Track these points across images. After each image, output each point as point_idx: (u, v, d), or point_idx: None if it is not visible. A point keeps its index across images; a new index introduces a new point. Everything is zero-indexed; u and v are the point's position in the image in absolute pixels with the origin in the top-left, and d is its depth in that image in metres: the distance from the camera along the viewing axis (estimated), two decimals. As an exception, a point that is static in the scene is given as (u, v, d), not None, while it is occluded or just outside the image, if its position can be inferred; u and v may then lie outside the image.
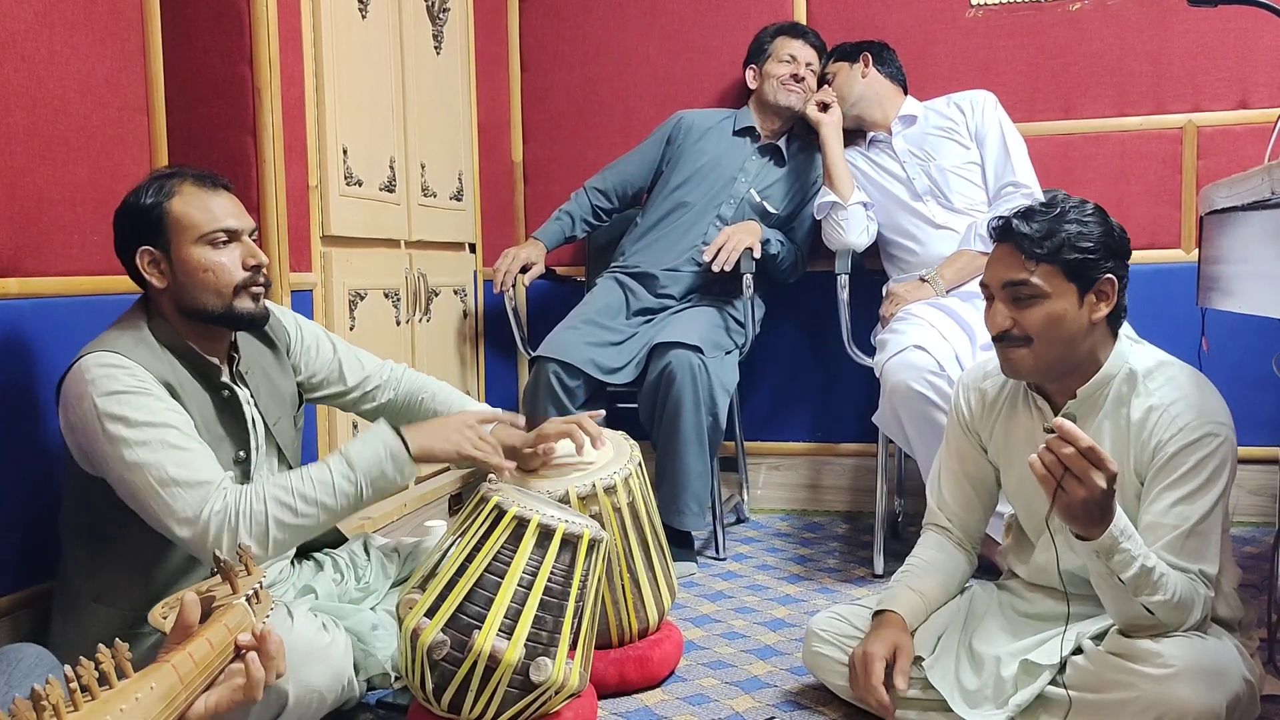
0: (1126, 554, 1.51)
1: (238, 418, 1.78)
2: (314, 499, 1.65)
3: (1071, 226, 1.66)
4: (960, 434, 1.93)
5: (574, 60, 3.45)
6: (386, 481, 1.72)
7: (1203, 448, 1.63)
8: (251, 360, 1.85)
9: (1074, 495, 1.46)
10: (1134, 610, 1.56)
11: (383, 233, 2.81)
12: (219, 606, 1.15)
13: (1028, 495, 1.82)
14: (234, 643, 1.09)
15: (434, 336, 3.11)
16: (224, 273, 1.70)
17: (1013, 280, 1.68)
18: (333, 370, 2.02)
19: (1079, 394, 1.73)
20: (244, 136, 2.34)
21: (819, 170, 3.05)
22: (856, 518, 3.22)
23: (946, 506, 1.95)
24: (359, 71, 2.69)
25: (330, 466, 1.69)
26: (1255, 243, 1.80)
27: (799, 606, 2.44)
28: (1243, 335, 2.72)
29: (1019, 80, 3.14)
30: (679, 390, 2.65)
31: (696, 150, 3.10)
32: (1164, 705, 1.52)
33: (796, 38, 3.07)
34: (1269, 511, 2.79)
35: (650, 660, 2.01)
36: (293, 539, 1.66)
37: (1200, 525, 1.62)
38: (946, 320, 2.59)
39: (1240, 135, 2.99)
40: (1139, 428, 1.69)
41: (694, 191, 3.06)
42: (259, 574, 1.25)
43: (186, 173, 1.72)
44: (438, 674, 1.67)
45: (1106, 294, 1.68)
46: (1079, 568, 1.67)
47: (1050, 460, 1.46)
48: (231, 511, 1.60)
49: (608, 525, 1.93)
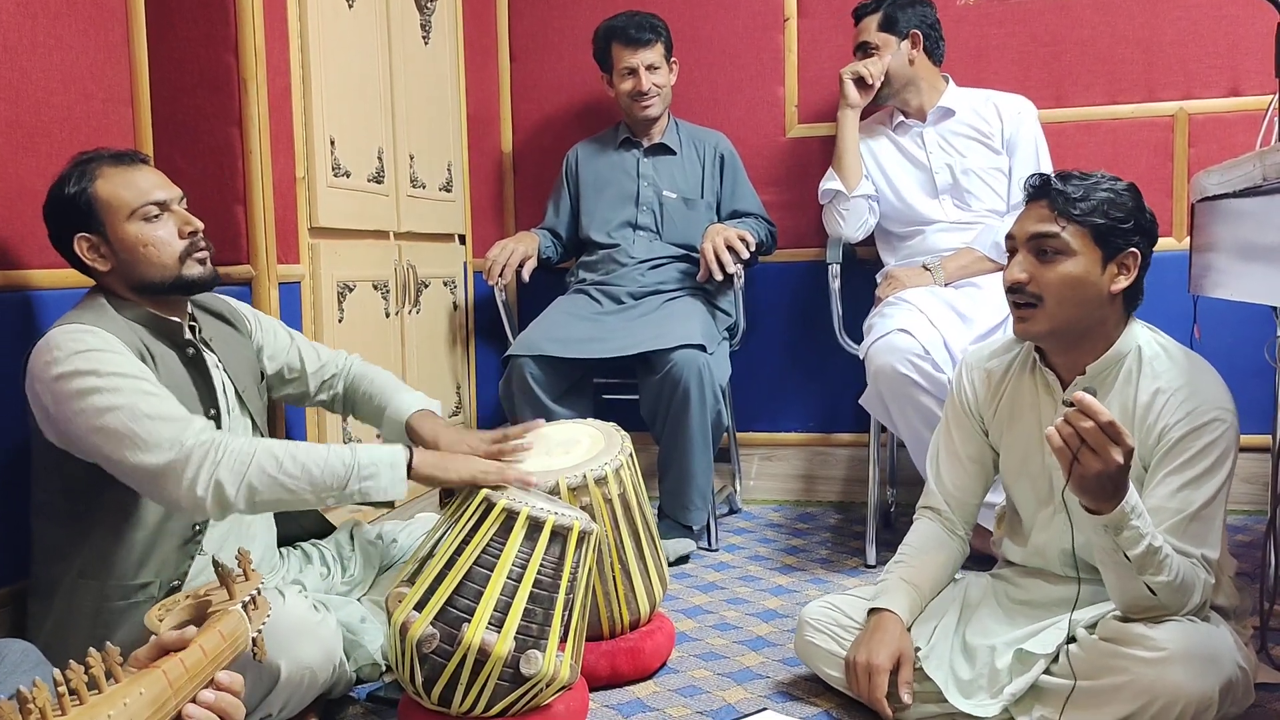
0: (1135, 531, 1.52)
1: (205, 378, 1.79)
2: (302, 463, 1.64)
3: (1106, 194, 1.68)
4: (960, 415, 1.93)
5: (564, 50, 3.43)
6: (375, 485, 1.69)
7: (1209, 433, 1.64)
8: (213, 331, 1.88)
9: (1089, 469, 1.47)
10: (1137, 590, 1.56)
11: (371, 224, 2.79)
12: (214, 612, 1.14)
13: (1033, 475, 1.82)
14: (228, 652, 1.07)
15: (423, 329, 3.09)
16: (164, 244, 1.72)
17: (1041, 233, 1.69)
18: (292, 356, 2.05)
19: (1089, 370, 1.73)
20: (230, 127, 2.32)
21: (711, 137, 3.09)
22: (849, 508, 3.21)
23: (944, 487, 1.94)
24: (346, 61, 2.67)
25: (330, 447, 1.70)
26: (1247, 230, 1.79)
27: (791, 597, 2.44)
28: (1235, 323, 2.72)
29: (1011, 69, 3.13)
30: (686, 389, 2.65)
31: (592, 176, 3.13)
32: (1157, 689, 1.52)
33: (628, 45, 2.99)
34: (1262, 500, 2.79)
35: (642, 652, 2.00)
36: (268, 495, 1.62)
37: (1204, 510, 1.62)
38: (940, 307, 2.58)
39: (1231, 123, 2.98)
40: (1145, 410, 1.69)
41: (609, 215, 3.08)
42: (256, 579, 1.24)
43: (104, 154, 1.74)
44: (428, 667, 1.66)
45: (1128, 267, 1.69)
46: (1085, 546, 1.67)
47: (1068, 433, 1.47)
48: (218, 443, 1.60)
49: (599, 516, 1.92)
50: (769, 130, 3.33)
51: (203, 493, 1.58)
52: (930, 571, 1.88)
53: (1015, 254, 1.74)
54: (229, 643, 1.10)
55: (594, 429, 2.12)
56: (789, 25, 3.30)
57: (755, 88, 3.33)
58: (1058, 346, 1.77)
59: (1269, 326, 2.22)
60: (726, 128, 3.22)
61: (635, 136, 3.12)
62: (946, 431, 1.96)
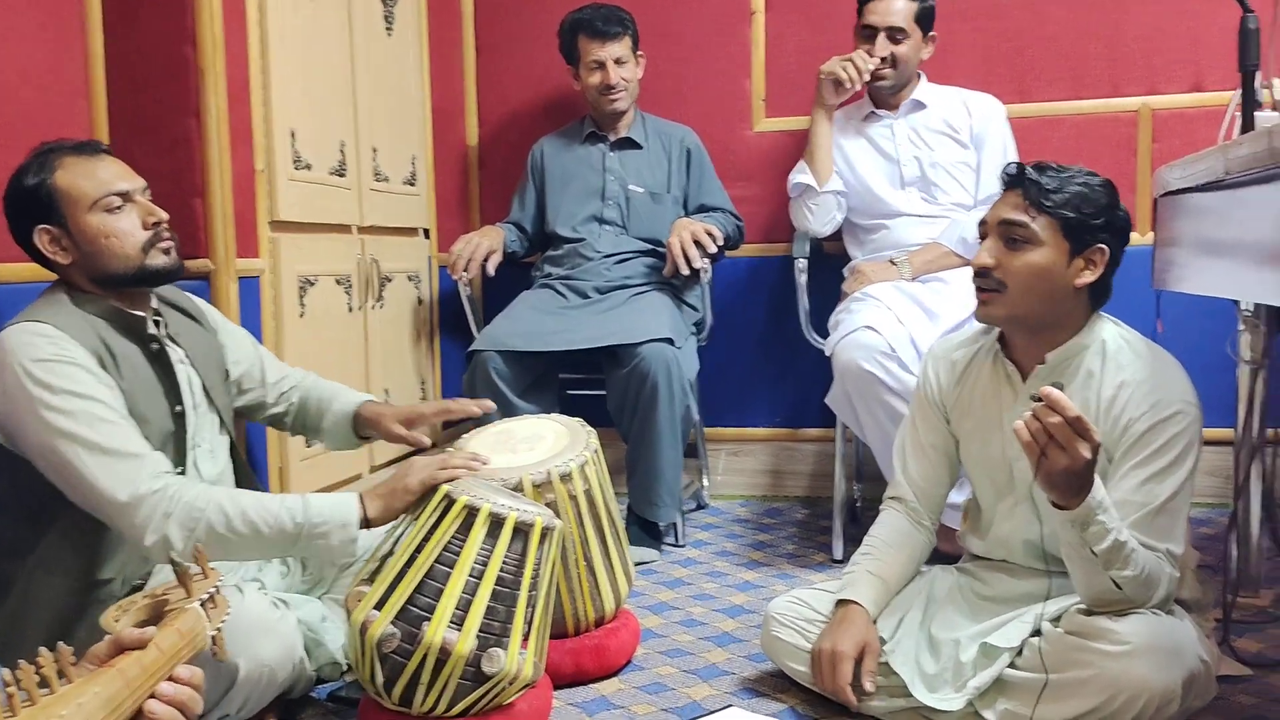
0: (1102, 526, 1.52)
1: (170, 374, 1.77)
2: (251, 521, 1.62)
3: (1080, 189, 1.68)
4: (925, 405, 1.93)
5: (530, 43, 3.40)
6: (325, 545, 1.67)
7: (1173, 426, 1.64)
8: (179, 325, 1.85)
9: (1056, 464, 1.47)
10: (1103, 584, 1.56)
11: (333, 218, 2.76)
12: (171, 610, 1.13)
13: (991, 465, 1.83)
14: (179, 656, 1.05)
15: (387, 324, 3.06)
16: (126, 236, 1.69)
17: (1011, 220, 1.70)
18: (254, 364, 2.03)
19: (1048, 359, 1.74)
20: (188, 119, 2.28)
21: (678, 131, 3.08)
22: (816, 503, 3.21)
23: (910, 477, 1.94)
24: (307, 53, 2.63)
25: (283, 502, 1.67)
26: (1209, 224, 1.80)
27: (758, 593, 2.43)
28: (1197, 317, 2.73)
29: (975, 63, 3.13)
30: (655, 383, 2.63)
31: (559, 170, 3.11)
32: (1122, 683, 1.52)
33: (595, 38, 2.96)
34: (1224, 493, 2.82)
35: (607, 649, 1.99)
36: (214, 548, 1.61)
37: (1169, 504, 1.63)
38: (906, 303, 2.58)
39: (1194, 118, 3.00)
40: (1110, 404, 1.70)
41: (575, 209, 3.06)
42: (215, 577, 1.23)
43: (64, 145, 1.71)
44: (388, 667, 1.63)
45: (1095, 262, 1.69)
46: (1049, 537, 1.67)
47: (1036, 428, 1.47)
48: (171, 495, 1.58)
49: (563, 513, 1.91)
50: (736, 124, 3.32)
51: (150, 542, 1.58)
52: (896, 564, 1.88)
53: (986, 239, 1.75)
54: (187, 641, 1.09)
55: (559, 424, 2.10)
56: (756, 19, 3.29)
57: (722, 81, 3.32)
58: (1018, 334, 1.78)
59: (1230, 321, 2.23)
60: (693, 122, 3.21)
61: (602, 130, 3.10)
62: (913, 422, 1.96)
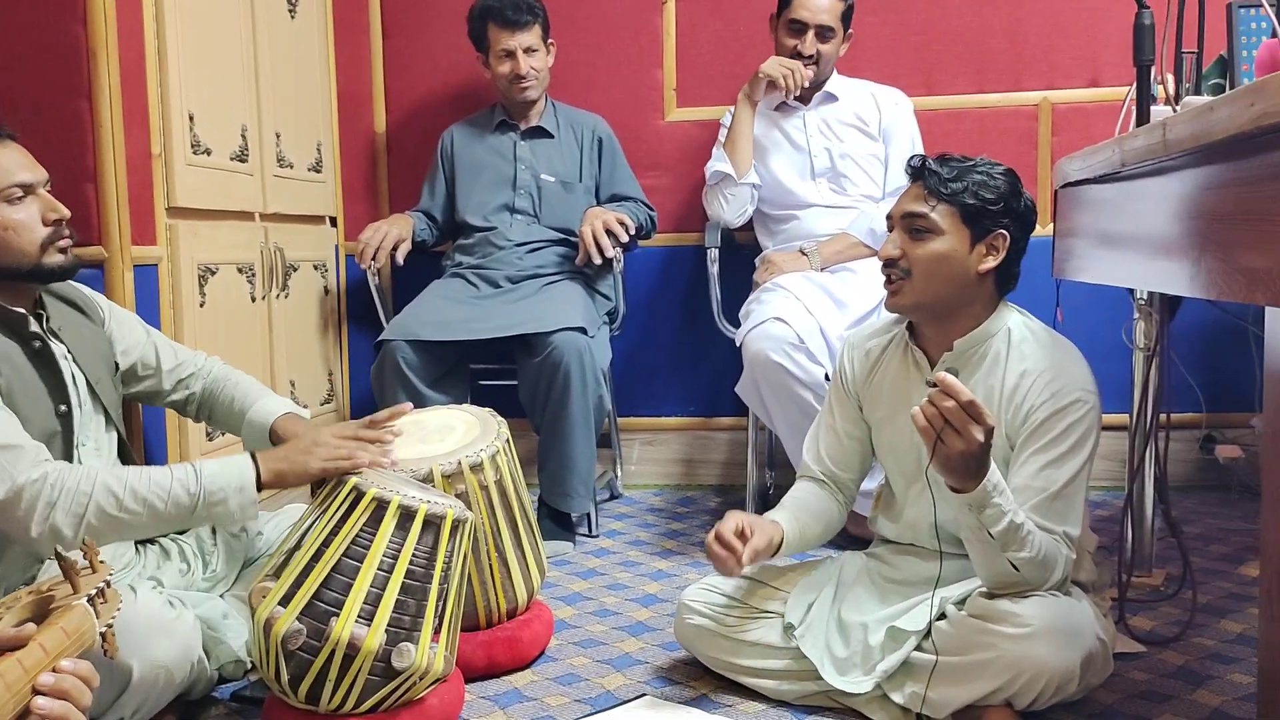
0: (998, 508, 1.55)
1: (53, 371, 1.70)
2: (143, 497, 1.58)
3: (979, 177, 1.73)
4: (840, 394, 1.96)
5: (438, 28, 3.34)
6: (224, 511, 1.65)
7: (1071, 414, 1.69)
8: (63, 319, 1.78)
9: (952, 448, 1.50)
10: (1001, 566, 1.59)
11: (235, 204, 2.68)
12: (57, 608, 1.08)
13: (900, 451, 1.86)
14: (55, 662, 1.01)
15: (293, 314, 2.99)
16: (25, 231, 1.63)
17: (912, 212, 1.75)
18: (147, 351, 1.95)
19: (955, 346, 1.77)
20: (78, 100, 2.19)
21: (589, 120, 3.07)
22: (729, 491, 3.23)
23: (821, 460, 1.96)
24: (205, 34, 2.55)
25: (173, 473, 1.63)
26: (1105, 216, 1.85)
27: (671, 581, 2.43)
28: (1095, 306, 2.82)
29: (883, 56, 3.17)
30: (567, 373, 2.61)
31: (468, 159, 3.07)
32: (1023, 664, 1.56)
33: (505, 27, 2.91)
34: (1120, 476, 2.91)
35: (519, 641, 1.97)
36: (109, 532, 1.57)
37: (1066, 489, 1.67)
38: (816, 293, 2.61)
39: (1091, 112, 3.09)
40: (1012, 392, 1.74)
41: (485, 198, 3.02)
42: (104, 571, 1.18)
43: None
44: (294, 664, 1.59)
45: (996, 248, 1.73)
46: (951, 521, 1.70)
47: (931, 413, 1.50)
48: (53, 482, 1.53)
49: (474, 504, 1.88)
50: (648, 114, 3.31)
51: (37, 533, 1.52)
52: (811, 516, 1.89)
53: (893, 230, 1.79)
54: (73, 639, 1.04)
55: (470, 415, 2.07)
56: (667, 8, 3.28)
57: (634, 71, 3.31)
58: (927, 321, 1.81)
59: (1126, 309, 2.31)
60: (605, 111, 3.19)
61: (512, 119, 3.07)
62: (829, 408, 1.99)
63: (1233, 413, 3.04)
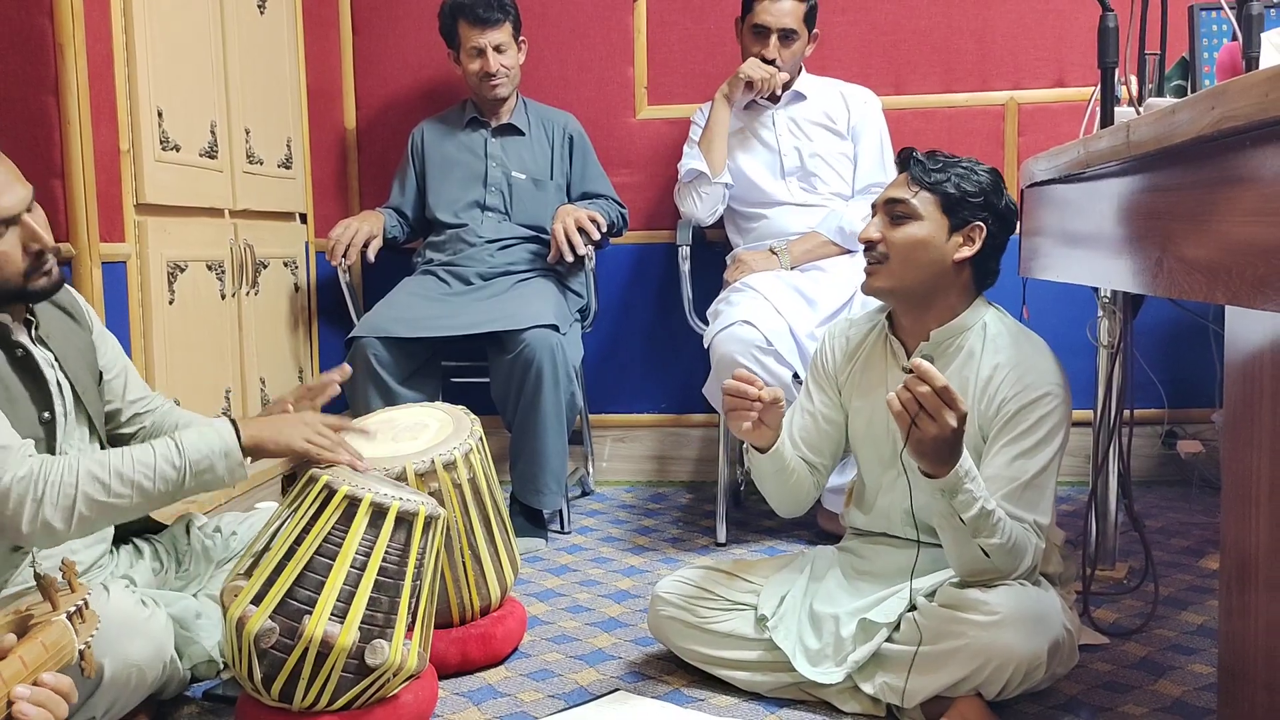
0: (969, 494, 1.58)
1: (37, 379, 1.67)
2: (130, 479, 1.58)
3: (963, 171, 1.79)
4: (820, 377, 1.99)
5: (408, 24, 3.33)
6: (214, 477, 1.66)
7: (1042, 407, 1.73)
8: (53, 326, 1.74)
9: (926, 433, 1.52)
10: (972, 552, 1.62)
11: (204, 201, 2.66)
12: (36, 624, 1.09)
13: (876, 437, 1.88)
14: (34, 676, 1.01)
15: (263, 311, 2.97)
16: (6, 263, 1.57)
17: (894, 198, 1.80)
18: (119, 375, 1.90)
19: (932, 335, 1.81)
20: (45, 96, 2.18)
21: (560, 118, 3.07)
22: (700, 488, 3.25)
23: (795, 443, 1.97)
24: (175, 29, 2.53)
25: (155, 449, 1.62)
26: (1070, 215, 1.88)
27: (643, 577, 2.45)
28: (1060, 304, 2.86)
29: (852, 56, 3.20)
30: (540, 370, 2.61)
31: (440, 157, 3.07)
32: (991, 651, 1.59)
33: (475, 24, 2.91)
34: (1084, 472, 2.95)
35: (493, 637, 1.98)
36: (101, 519, 1.57)
37: (1036, 479, 1.71)
38: (786, 293, 2.62)
39: (1057, 113, 3.13)
40: (985, 384, 1.77)
41: (456, 195, 3.02)
42: (83, 590, 1.19)
43: None
44: (267, 663, 1.59)
45: (973, 239, 1.78)
46: (924, 508, 1.73)
47: (906, 398, 1.53)
48: (37, 478, 1.52)
49: (447, 501, 1.89)
50: (619, 111, 3.32)
51: (29, 530, 1.51)
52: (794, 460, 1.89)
53: (875, 216, 1.84)
54: (52, 654, 1.06)
55: (442, 412, 2.08)
56: (638, 6, 3.29)
57: (605, 68, 3.32)
58: (903, 309, 1.85)
59: (1090, 307, 2.35)
60: (576, 108, 3.20)
61: (483, 116, 3.07)
62: (806, 393, 2.01)
63: (1194, 409, 3.10)
